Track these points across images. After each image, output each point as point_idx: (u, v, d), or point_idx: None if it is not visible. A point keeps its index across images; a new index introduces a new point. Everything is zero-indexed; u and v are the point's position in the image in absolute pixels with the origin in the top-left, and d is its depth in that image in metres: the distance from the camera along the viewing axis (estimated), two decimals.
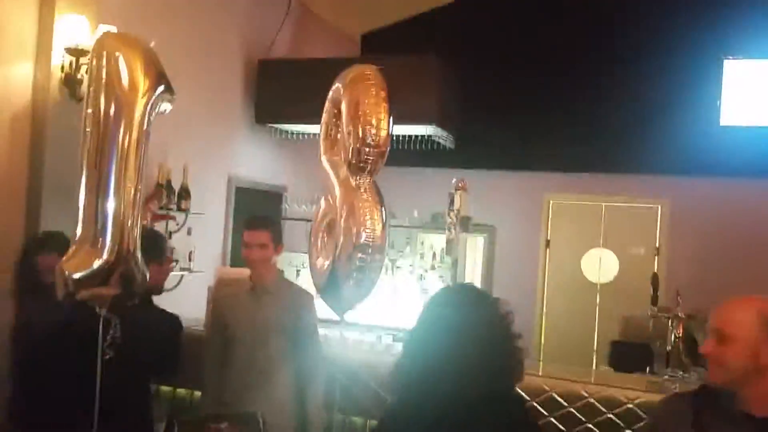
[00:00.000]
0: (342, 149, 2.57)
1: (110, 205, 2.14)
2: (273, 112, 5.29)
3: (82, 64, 3.25)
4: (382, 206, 2.48)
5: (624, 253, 6.31)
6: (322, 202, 2.81)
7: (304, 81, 4.87)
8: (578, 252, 6.38)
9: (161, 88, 2.15)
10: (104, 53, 2.16)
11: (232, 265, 4.97)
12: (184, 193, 4.38)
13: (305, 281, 3.38)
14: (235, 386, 2.91)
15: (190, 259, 4.43)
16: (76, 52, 3.27)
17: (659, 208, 6.46)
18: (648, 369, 3.75)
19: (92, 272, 2.14)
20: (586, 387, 3.13)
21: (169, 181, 4.27)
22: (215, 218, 5.03)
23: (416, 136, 5.20)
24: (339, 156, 2.63)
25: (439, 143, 5.35)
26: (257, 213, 5.42)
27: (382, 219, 2.43)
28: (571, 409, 3.10)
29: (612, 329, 5.62)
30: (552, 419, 3.11)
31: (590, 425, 3.07)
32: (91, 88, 2.14)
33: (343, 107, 2.56)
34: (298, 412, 2.99)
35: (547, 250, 6.74)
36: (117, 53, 2.15)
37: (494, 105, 6.26)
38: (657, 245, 6.44)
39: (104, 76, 2.12)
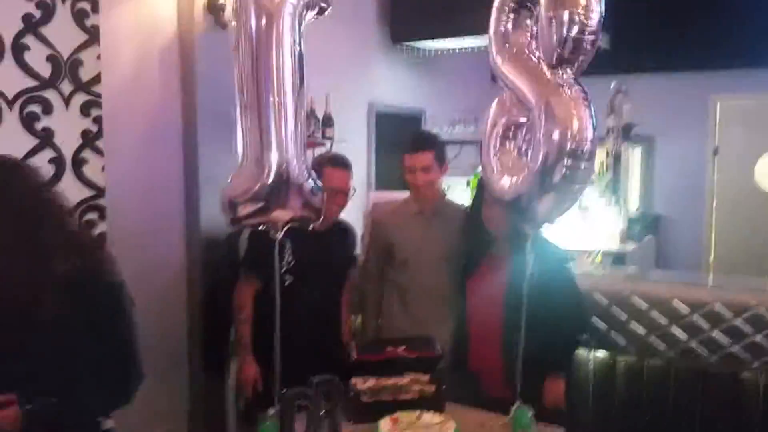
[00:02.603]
0: (539, 42, 2.16)
1: (271, 127, 2.04)
2: (409, 30, 5.01)
3: None
4: (589, 103, 2.06)
5: None
6: (493, 107, 2.39)
7: None
8: (751, 159, 5.68)
9: None
10: None
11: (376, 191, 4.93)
12: (328, 122, 4.29)
13: None
14: (406, 312, 2.81)
15: None
16: None
17: None
18: None
19: (254, 194, 2.05)
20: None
21: (313, 110, 4.17)
22: (358, 145, 4.93)
23: None
24: (520, 53, 2.25)
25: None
26: (398, 137, 5.27)
27: (591, 119, 2.02)
28: None
29: None
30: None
31: None
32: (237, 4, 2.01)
33: None
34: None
35: (715, 158, 6.08)
36: None
37: None
38: None
39: None
